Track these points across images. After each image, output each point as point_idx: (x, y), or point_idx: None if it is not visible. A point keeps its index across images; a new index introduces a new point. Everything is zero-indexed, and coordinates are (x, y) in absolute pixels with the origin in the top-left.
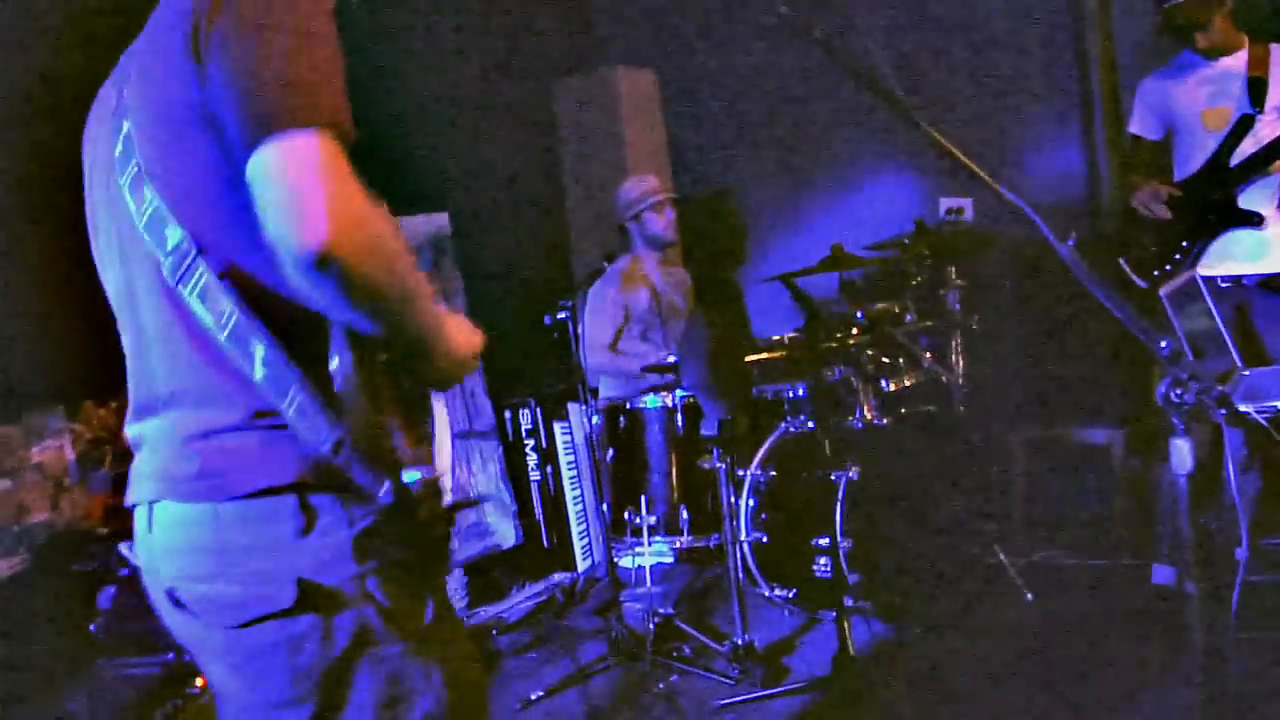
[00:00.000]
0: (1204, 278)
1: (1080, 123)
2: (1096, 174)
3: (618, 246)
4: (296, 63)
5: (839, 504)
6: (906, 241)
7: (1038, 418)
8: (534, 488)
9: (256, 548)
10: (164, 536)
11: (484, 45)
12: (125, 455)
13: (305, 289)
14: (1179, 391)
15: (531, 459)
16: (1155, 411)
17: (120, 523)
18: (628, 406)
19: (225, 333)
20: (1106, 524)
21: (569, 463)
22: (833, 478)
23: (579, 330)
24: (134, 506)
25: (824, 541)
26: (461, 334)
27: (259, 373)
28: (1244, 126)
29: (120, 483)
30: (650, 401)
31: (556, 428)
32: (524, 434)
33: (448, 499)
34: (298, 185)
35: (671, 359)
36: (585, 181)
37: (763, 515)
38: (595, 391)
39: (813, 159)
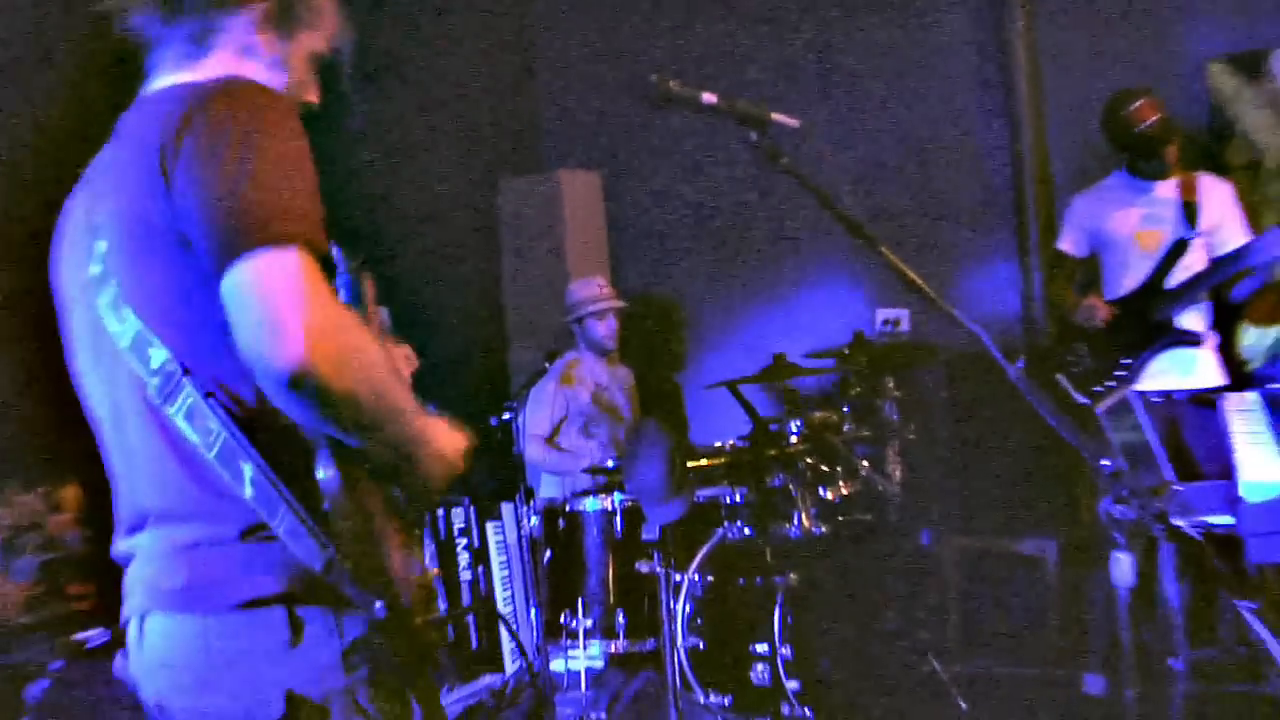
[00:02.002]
0: (1137, 393)
1: (1015, 235)
2: (1030, 285)
3: (561, 344)
4: (263, 179)
5: (777, 610)
6: (845, 351)
7: (972, 527)
8: (464, 587)
9: (244, 660)
10: (153, 650)
11: (425, 144)
12: (50, 544)
13: (284, 406)
14: (1120, 508)
15: (463, 559)
16: (1087, 522)
17: (48, 612)
18: (567, 508)
19: (213, 452)
20: (1041, 634)
21: (501, 563)
22: (772, 583)
23: (519, 428)
24: (126, 622)
25: (762, 648)
26: (447, 437)
27: (248, 492)
28: (1179, 250)
29: (47, 569)
30: (589, 504)
31: (489, 528)
32: (456, 533)
33: (440, 604)
34: (269, 303)
35: (611, 463)
36: (524, 281)
37: (699, 620)
38: (533, 492)
39: (753, 266)
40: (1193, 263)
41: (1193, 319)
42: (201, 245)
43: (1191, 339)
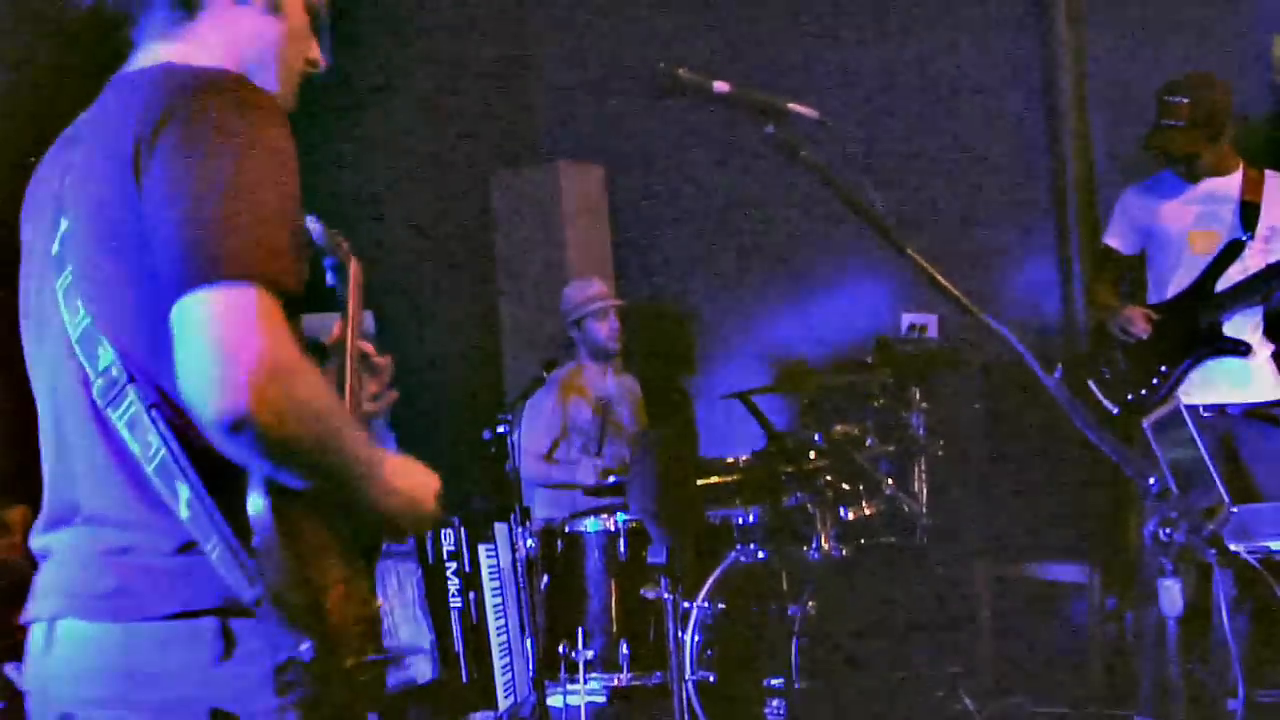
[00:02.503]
0: (1188, 406)
1: (1055, 234)
2: (1070, 288)
3: (560, 353)
4: (237, 199)
5: (793, 641)
6: (868, 360)
7: (1006, 552)
8: (454, 616)
9: (170, 674)
10: (64, 657)
11: (418, 135)
12: None
13: (220, 449)
14: (1167, 530)
15: (453, 584)
16: (1133, 547)
17: None
18: (565, 529)
19: (152, 465)
20: (1081, 669)
21: (494, 589)
22: (787, 612)
23: (515, 443)
24: (30, 623)
25: (777, 682)
26: (412, 479)
27: (184, 513)
28: (1233, 252)
29: None
30: (590, 525)
31: (481, 550)
32: (445, 556)
33: (383, 644)
34: (216, 344)
35: (612, 479)
36: (521, 284)
37: (709, 652)
38: (529, 512)
39: (769, 267)
40: (1249, 267)
41: (1244, 327)
42: (161, 260)
43: (1240, 348)
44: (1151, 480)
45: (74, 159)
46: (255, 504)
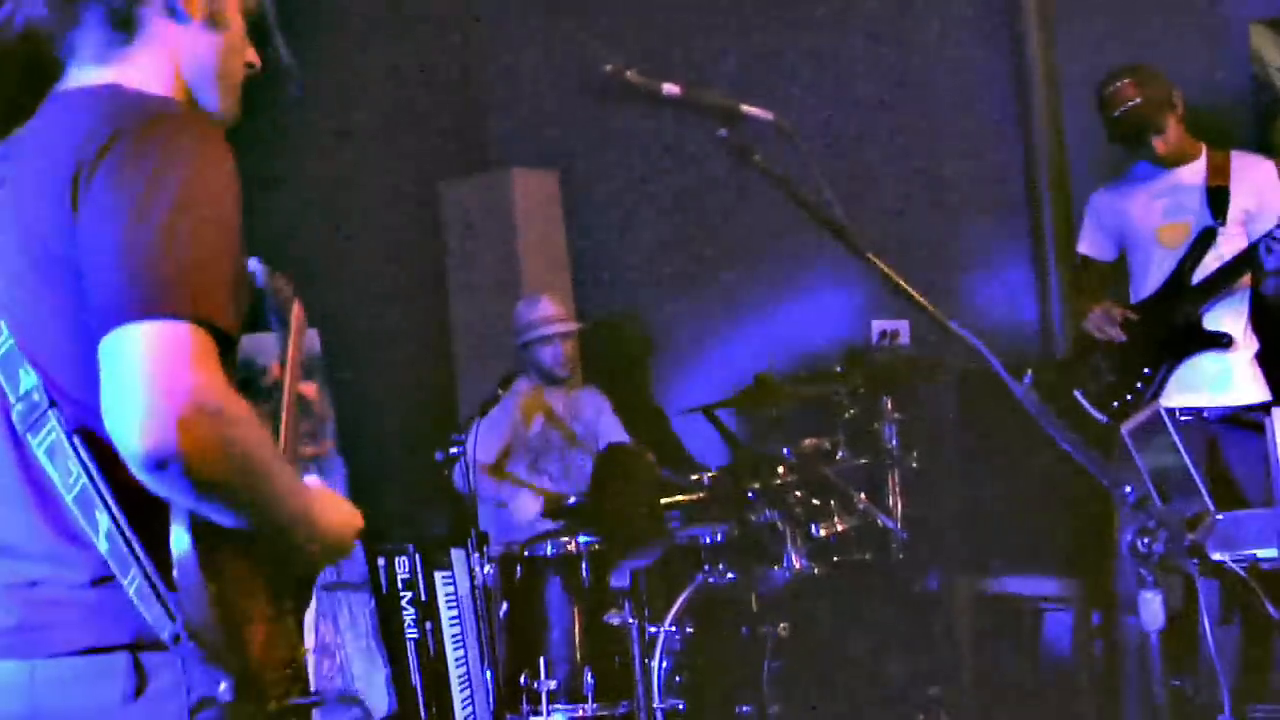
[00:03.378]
0: (1168, 410)
1: (1029, 235)
2: (1047, 293)
3: (516, 369)
4: (176, 236)
5: (765, 665)
6: (838, 369)
7: (986, 567)
8: (410, 647)
9: (77, 714)
10: None
11: (359, 143)
12: None
13: (147, 484)
14: (1146, 540)
15: (408, 614)
16: (1118, 560)
17: None
18: (524, 554)
19: (71, 494)
20: (1067, 688)
21: (451, 619)
22: (759, 634)
23: (468, 462)
24: None
25: (748, 708)
26: (336, 515)
27: (102, 545)
28: (1205, 241)
29: None
30: (550, 548)
31: (438, 578)
32: (400, 585)
33: (309, 688)
34: (145, 379)
35: (572, 499)
36: (474, 297)
37: (678, 678)
38: (486, 536)
39: (732, 274)
40: (1224, 254)
41: (1226, 319)
42: (93, 289)
43: (1221, 340)
44: (1128, 488)
45: (7, 174)
46: (179, 538)
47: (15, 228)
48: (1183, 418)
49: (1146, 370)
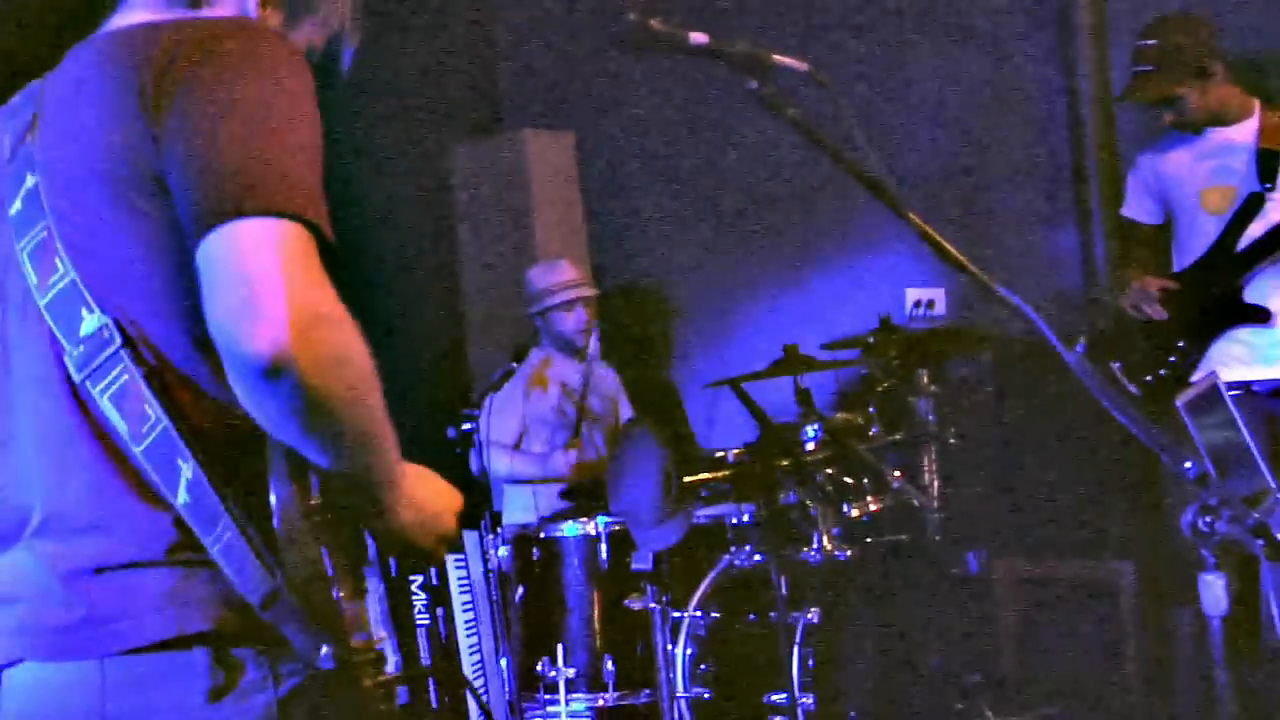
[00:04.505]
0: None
1: (1074, 199)
2: (1092, 254)
3: (529, 340)
4: (271, 137)
5: (795, 652)
6: (870, 341)
7: (1029, 548)
8: (421, 634)
9: (152, 717)
10: (16, 710)
11: (364, 105)
12: None
13: (250, 400)
14: (1208, 519)
15: (419, 600)
16: (1173, 541)
17: None
18: (541, 535)
19: (144, 444)
20: (1117, 677)
21: (464, 604)
22: (788, 620)
23: (482, 440)
24: None
25: (778, 698)
26: (431, 489)
27: (182, 498)
28: (1252, 207)
29: None
30: (568, 529)
31: (449, 561)
32: (410, 569)
33: (391, 666)
34: (256, 277)
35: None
36: (486, 266)
37: (703, 666)
38: (500, 517)
39: (759, 241)
40: (1272, 221)
41: (1271, 290)
42: (185, 202)
43: (1259, 316)
44: (1188, 464)
45: (44, 114)
46: (280, 481)
47: (82, 156)
48: (1231, 392)
49: (1181, 344)
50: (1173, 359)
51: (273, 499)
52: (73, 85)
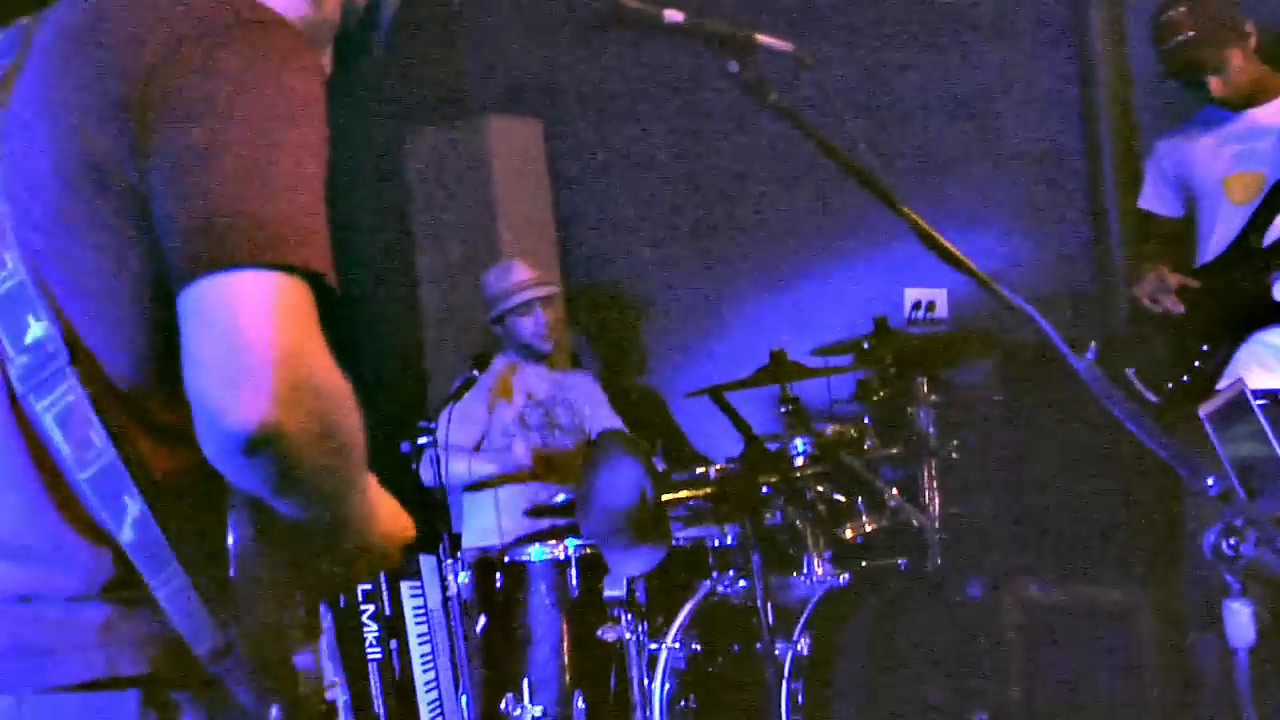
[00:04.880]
0: (1255, 392)
1: (1086, 192)
2: (1106, 251)
3: (493, 347)
4: (277, 173)
5: (784, 686)
6: (865, 345)
7: (1038, 572)
8: (373, 670)
9: None
10: None
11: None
12: None
13: (222, 466)
14: (1232, 541)
15: (370, 630)
16: (1195, 565)
17: None
18: (504, 559)
19: (88, 473)
20: (1132, 710)
21: (420, 636)
22: (775, 652)
23: (438, 455)
24: None
25: None
26: (394, 522)
27: (127, 535)
28: (1278, 197)
29: None
30: (535, 553)
31: (404, 588)
32: (360, 597)
33: (341, 713)
34: (246, 341)
35: (561, 498)
36: (446, 265)
37: (682, 703)
38: (459, 539)
39: (742, 236)
40: None
41: None
42: (168, 233)
43: None
44: (1210, 481)
45: (19, 73)
46: (241, 526)
47: (50, 151)
48: (1258, 401)
49: (1205, 347)
50: (1195, 364)
51: (230, 540)
52: (60, 52)
